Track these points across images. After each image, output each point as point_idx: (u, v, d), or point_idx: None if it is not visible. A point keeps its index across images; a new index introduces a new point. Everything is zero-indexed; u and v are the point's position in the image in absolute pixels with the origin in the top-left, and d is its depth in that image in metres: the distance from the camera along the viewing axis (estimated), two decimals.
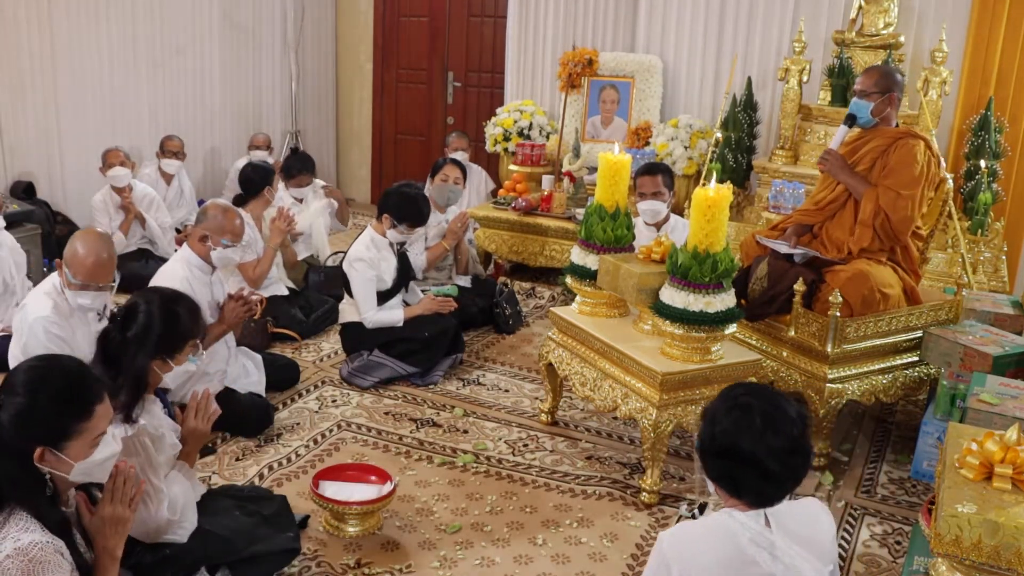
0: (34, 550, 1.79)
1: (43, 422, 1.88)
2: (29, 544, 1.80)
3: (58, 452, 1.89)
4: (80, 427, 1.91)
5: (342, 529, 2.97)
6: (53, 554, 1.82)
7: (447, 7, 7.71)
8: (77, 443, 1.91)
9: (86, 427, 1.92)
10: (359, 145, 8.40)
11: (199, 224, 3.66)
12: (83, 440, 1.92)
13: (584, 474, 3.45)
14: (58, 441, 1.89)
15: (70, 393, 1.92)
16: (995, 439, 2.27)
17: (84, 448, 1.93)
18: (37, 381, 1.91)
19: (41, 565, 1.79)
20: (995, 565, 2.10)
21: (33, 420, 1.87)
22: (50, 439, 1.89)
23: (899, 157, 3.62)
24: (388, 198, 4.25)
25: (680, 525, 1.99)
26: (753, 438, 1.84)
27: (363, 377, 4.16)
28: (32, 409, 1.87)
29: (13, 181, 5.74)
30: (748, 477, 1.86)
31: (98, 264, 3.21)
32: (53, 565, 1.81)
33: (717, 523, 1.91)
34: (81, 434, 1.91)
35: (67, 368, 1.98)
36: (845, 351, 3.45)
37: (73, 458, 1.91)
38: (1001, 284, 4.90)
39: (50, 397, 1.89)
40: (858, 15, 5.32)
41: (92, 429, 1.93)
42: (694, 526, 1.97)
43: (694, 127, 5.87)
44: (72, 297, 3.24)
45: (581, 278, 3.56)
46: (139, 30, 6.39)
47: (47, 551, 1.81)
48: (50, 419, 1.89)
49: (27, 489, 1.87)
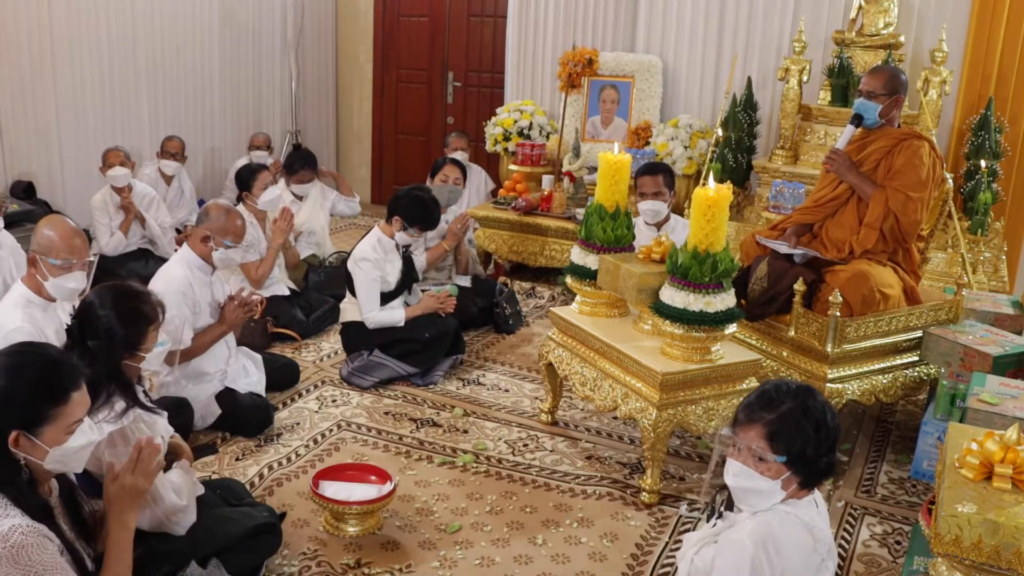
0: (15, 535, 1.80)
1: (19, 405, 1.88)
2: (9, 529, 1.80)
3: (32, 437, 1.90)
4: (56, 412, 1.92)
5: (342, 529, 2.96)
6: (36, 536, 1.82)
7: (447, 7, 7.71)
8: (52, 428, 1.92)
9: (62, 412, 1.93)
10: (359, 145, 8.40)
11: (201, 224, 3.66)
12: (58, 425, 1.92)
13: (584, 474, 3.45)
14: (32, 425, 1.90)
15: (48, 377, 1.93)
16: (995, 439, 2.26)
17: (59, 434, 1.93)
18: (16, 366, 1.91)
19: (24, 549, 1.79)
20: (995, 565, 2.10)
21: (10, 403, 1.87)
22: (25, 423, 1.89)
23: (905, 159, 3.61)
24: (399, 201, 4.25)
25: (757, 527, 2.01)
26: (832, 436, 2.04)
27: (363, 377, 4.16)
28: (9, 393, 1.87)
29: (13, 181, 5.75)
30: (827, 470, 2.04)
31: (74, 234, 3.07)
32: (37, 547, 1.81)
33: (789, 518, 2.01)
34: (56, 419, 1.92)
35: (46, 354, 2.00)
36: (845, 351, 3.45)
37: (47, 443, 1.92)
38: (1001, 284, 4.90)
39: (28, 381, 1.90)
40: (858, 15, 5.32)
41: (68, 415, 1.94)
42: (770, 526, 2.01)
43: (694, 127, 5.87)
44: (58, 285, 3.04)
45: (581, 278, 3.56)
46: (139, 30, 6.39)
47: (29, 534, 1.81)
48: (26, 402, 1.89)
49: (4, 473, 1.87)
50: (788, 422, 1.99)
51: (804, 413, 1.99)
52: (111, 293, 2.55)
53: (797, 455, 1.99)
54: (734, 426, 2.08)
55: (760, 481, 2.02)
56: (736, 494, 2.09)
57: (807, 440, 1.98)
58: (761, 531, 1.99)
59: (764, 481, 2.02)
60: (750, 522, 2.04)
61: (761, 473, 2.02)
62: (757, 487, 2.03)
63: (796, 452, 1.99)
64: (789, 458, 1.99)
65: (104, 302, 2.51)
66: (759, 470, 2.02)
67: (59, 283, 3.05)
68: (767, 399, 2.03)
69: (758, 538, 1.98)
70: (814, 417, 1.99)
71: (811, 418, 1.99)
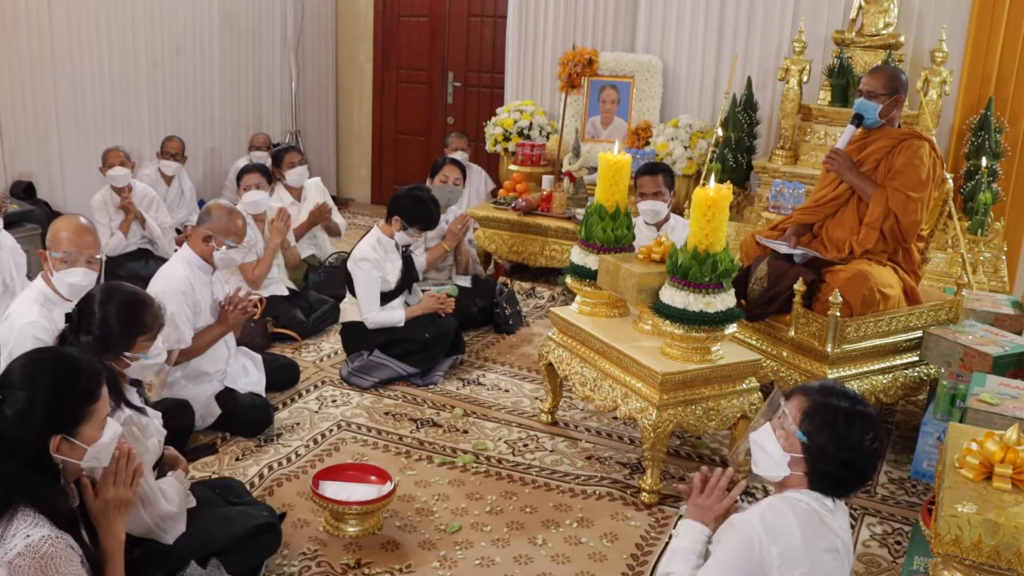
0: (45, 545, 1.81)
1: (55, 411, 1.90)
2: (40, 540, 1.81)
3: (72, 439, 1.92)
4: (91, 409, 1.95)
5: (342, 529, 2.96)
6: (64, 548, 1.84)
7: (447, 7, 7.71)
8: (89, 426, 1.95)
9: (96, 408, 1.96)
10: (359, 145, 8.40)
11: (203, 224, 3.65)
12: (93, 423, 1.96)
13: (584, 474, 3.45)
14: (72, 427, 1.92)
15: (80, 378, 1.95)
16: (995, 439, 2.26)
17: (95, 430, 1.97)
18: (38, 373, 1.92)
19: (53, 560, 1.81)
20: (995, 565, 2.10)
21: (43, 411, 1.89)
22: (64, 426, 1.91)
23: (906, 159, 3.61)
24: (399, 201, 4.25)
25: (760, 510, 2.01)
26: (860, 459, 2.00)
27: (363, 377, 4.16)
28: (37, 401, 1.88)
29: (13, 181, 5.75)
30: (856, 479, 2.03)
31: (80, 229, 3.07)
32: (64, 559, 1.83)
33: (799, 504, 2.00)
34: (91, 416, 1.95)
35: (64, 355, 2.02)
36: (845, 351, 3.45)
37: (86, 442, 1.95)
38: (1001, 284, 4.90)
39: (67, 385, 1.92)
40: (858, 15, 5.32)
41: (100, 410, 1.98)
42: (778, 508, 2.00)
43: (694, 127, 5.87)
44: (61, 280, 3.03)
45: (581, 278, 3.56)
46: (139, 30, 6.39)
47: (58, 545, 1.83)
48: (62, 406, 1.91)
49: (35, 488, 1.88)
50: (829, 413, 1.99)
51: (847, 420, 1.98)
52: (114, 292, 2.56)
53: (817, 446, 1.98)
54: (788, 395, 2.10)
55: (773, 445, 2.05)
56: (752, 449, 2.12)
57: (834, 440, 1.97)
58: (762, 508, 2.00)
59: (776, 447, 2.04)
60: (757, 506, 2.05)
61: (778, 439, 2.05)
62: (767, 448, 2.06)
63: (817, 442, 1.98)
64: (808, 442, 2.00)
65: (105, 299, 2.52)
66: (779, 435, 2.05)
67: (62, 278, 3.05)
68: (830, 387, 2.05)
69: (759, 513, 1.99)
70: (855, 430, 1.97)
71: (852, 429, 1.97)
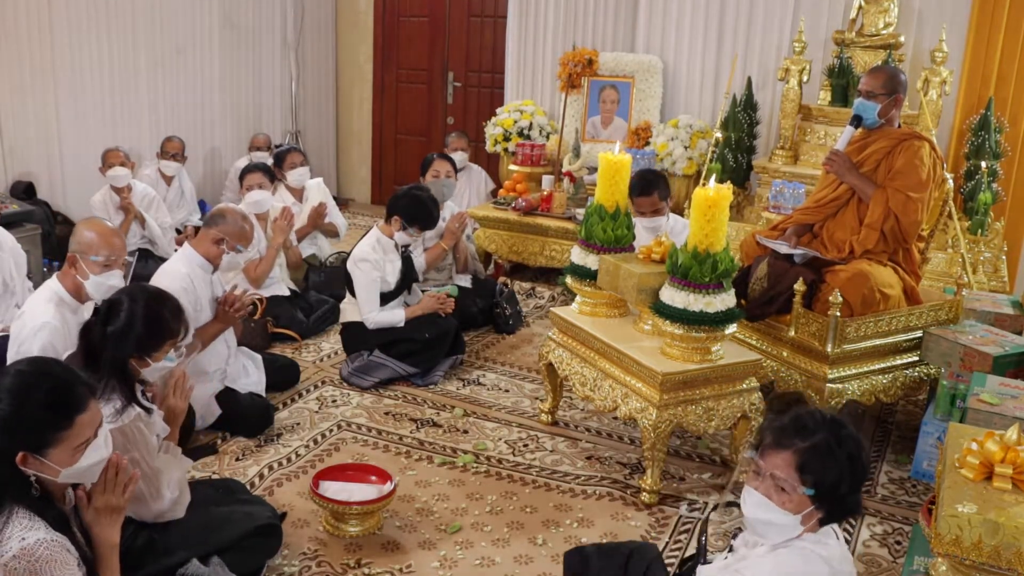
0: (40, 548, 1.80)
1: (24, 430, 1.87)
2: (35, 543, 1.81)
3: (40, 458, 1.88)
4: (60, 436, 1.89)
5: (342, 529, 2.97)
6: (60, 551, 1.84)
7: (447, 7, 7.71)
8: (58, 451, 1.90)
9: (66, 436, 1.90)
10: (359, 145, 8.40)
11: (216, 226, 3.65)
12: (64, 448, 1.90)
13: (584, 474, 3.45)
14: (38, 448, 1.88)
15: (53, 403, 1.90)
16: (995, 439, 2.26)
17: (66, 455, 1.91)
18: (23, 388, 1.89)
19: (48, 563, 1.80)
20: (995, 565, 2.10)
21: (15, 427, 1.86)
22: (30, 446, 1.87)
23: (906, 159, 3.61)
24: (398, 200, 4.25)
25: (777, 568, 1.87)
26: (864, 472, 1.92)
27: (363, 377, 4.16)
28: (14, 417, 1.86)
29: (13, 181, 5.74)
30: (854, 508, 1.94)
31: (113, 234, 3.17)
32: (60, 562, 1.82)
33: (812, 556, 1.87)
34: (62, 442, 1.90)
35: (54, 375, 1.96)
36: (845, 351, 3.45)
37: (57, 464, 1.90)
38: (1001, 284, 4.90)
39: (33, 405, 1.87)
40: (858, 15, 5.32)
41: (74, 437, 1.91)
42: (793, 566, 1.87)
43: (694, 127, 5.87)
44: (99, 283, 3.07)
45: (581, 278, 3.56)
46: (139, 30, 6.39)
47: (53, 548, 1.82)
48: (31, 427, 1.87)
49: (18, 489, 1.87)
50: (822, 452, 1.83)
51: (839, 443, 1.84)
52: (149, 293, 2.59)
53: (828, 489, 1.84)
54: (759, 449, 1.91)
55: (779, 514, 1.86)
56: (751, 524, 1.93)
57: (841, 473, 1.83)
58: (783, 571, 1.86)
59: (783, 514, 1.86)
60: (768, 560, 1.90)
61: (781, 505, 1.86)
62: (775, 520, 1.88)
63: (827, 485, 1.83)
64: (818, 492, 1.84)
65: (138, 297, 2.54)
66: (779, 501, 1.86)
67: (100, 280, 3.09)
68: (801, 425, 1.87)
69: None
70: (848, 449, 1.85)
71: (845, 449, 1.85)
